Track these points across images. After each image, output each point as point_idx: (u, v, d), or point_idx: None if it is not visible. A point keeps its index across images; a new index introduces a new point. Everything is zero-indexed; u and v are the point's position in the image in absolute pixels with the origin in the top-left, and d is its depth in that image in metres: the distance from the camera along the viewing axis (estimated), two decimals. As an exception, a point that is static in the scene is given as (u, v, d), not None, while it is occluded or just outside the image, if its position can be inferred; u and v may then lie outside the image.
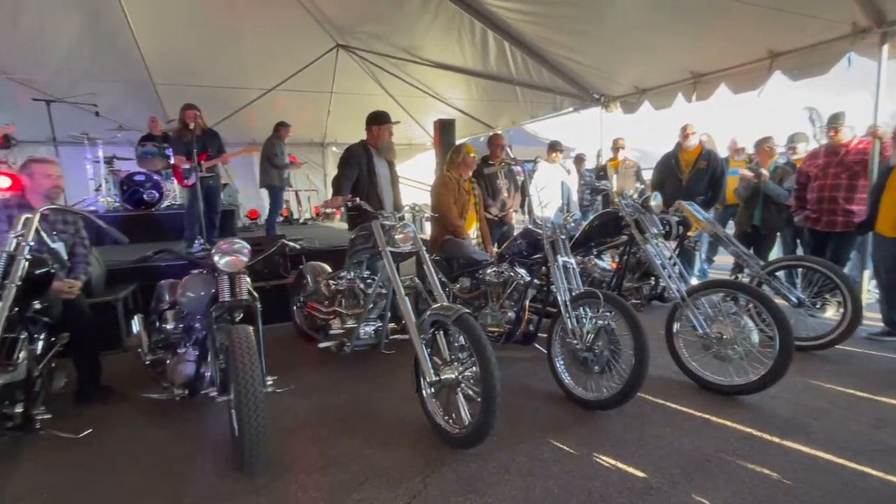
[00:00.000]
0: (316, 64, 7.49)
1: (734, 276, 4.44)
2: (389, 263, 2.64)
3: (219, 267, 2.29)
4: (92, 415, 2.63)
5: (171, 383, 2.53)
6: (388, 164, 3.91)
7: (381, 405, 2.73)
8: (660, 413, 2.54)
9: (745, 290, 2.74)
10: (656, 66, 5.16)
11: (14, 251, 1.96)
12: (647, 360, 2.36)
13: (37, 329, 2.43)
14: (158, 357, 2.72)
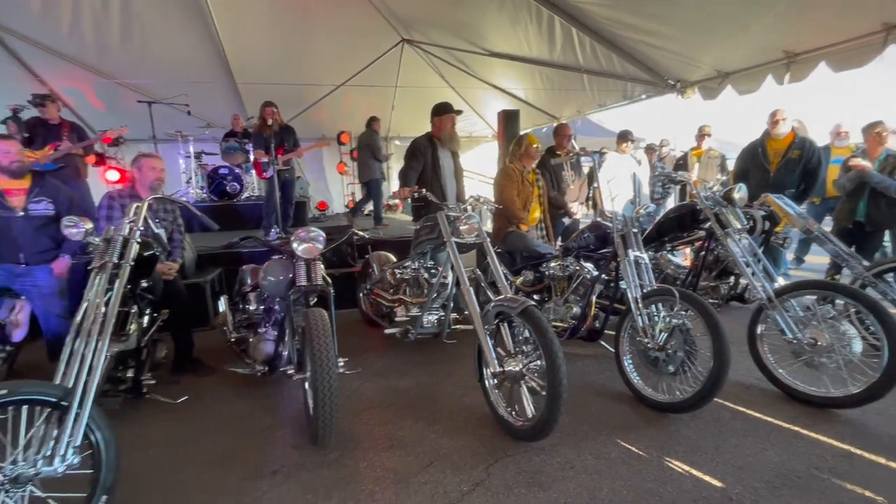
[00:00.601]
0: (382, 59, 7.70)
1: (830, 277, 4.00)
2: (454, 254, 2.67)
3: (297, 253, 2.44)
4: (187, 384, 2.93)
5: (253, 360, 2.75)
6: (452, 155, 3.95)
7: (444, 392, 2.78)
8: (740, 421, 2.37)
9: (847, 292, 2.46)
10: (743, 47, 4.71)
11: (128, 235, 2.22)
12: (727, 362, 2.20)
13: (143, 305, 2.74)
14: (242, 335, 2.96)
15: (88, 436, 1.68)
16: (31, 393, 1.60)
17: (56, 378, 1.74)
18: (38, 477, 1.55)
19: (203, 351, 3.30)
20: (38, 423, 1.62)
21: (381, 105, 9.36)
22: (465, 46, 6.79)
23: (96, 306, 1.98)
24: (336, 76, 7.91)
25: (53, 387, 1.67)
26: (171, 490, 1.95)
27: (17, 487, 1.52)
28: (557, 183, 4.35)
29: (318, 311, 2.24)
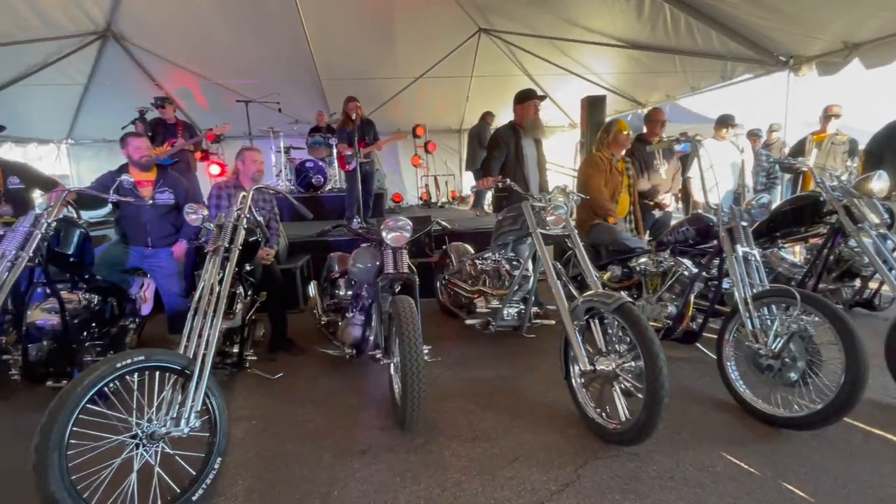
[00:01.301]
0: (458, 50, 7.69)
1: None
2: (540, 245, 2.58)
3: (386, 241, 2.50)
4: (282, 361, 3.15)
5: (341, 342, 2.89)
6: (536, 143, 3.84)
7: (526, 386, 2.72)
8: (876, 445, 2.05)
9: None
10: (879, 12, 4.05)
11: (237, 222, 2.41)
12: (863, 378, 1.91)
13: (246, 287, 2.98)
14: (331, 319, 3.12)
15: (206, 402, 1.85)
16: (162, 360, 1.79)
17: (180, 349, 1.93)
18: (167, 436, 1.73)
19: (294, 331, 3.52)
20: (167, 388, 1.82)
21: (456, 97, 9.38)
22: (546, 33, 6.55)
23: (211, 286, 2.18)
24: (413, 70, 8.05)
25: (179, 356, 1.85)
26: (273, 460, 2.10)
27: (152, 443, 1.71)
28: (648, 172, 4.05)
29: (405, 299, 2.28)
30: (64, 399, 1.52)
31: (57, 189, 2.90)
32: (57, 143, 9.22)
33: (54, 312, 2.57)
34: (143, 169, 3.16)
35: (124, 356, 1.69)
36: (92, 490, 1.59)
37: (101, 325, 2.94)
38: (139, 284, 3.33)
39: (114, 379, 1.65)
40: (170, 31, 6.71)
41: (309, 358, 3.22)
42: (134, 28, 6.71)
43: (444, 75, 8.19)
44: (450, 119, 10.33)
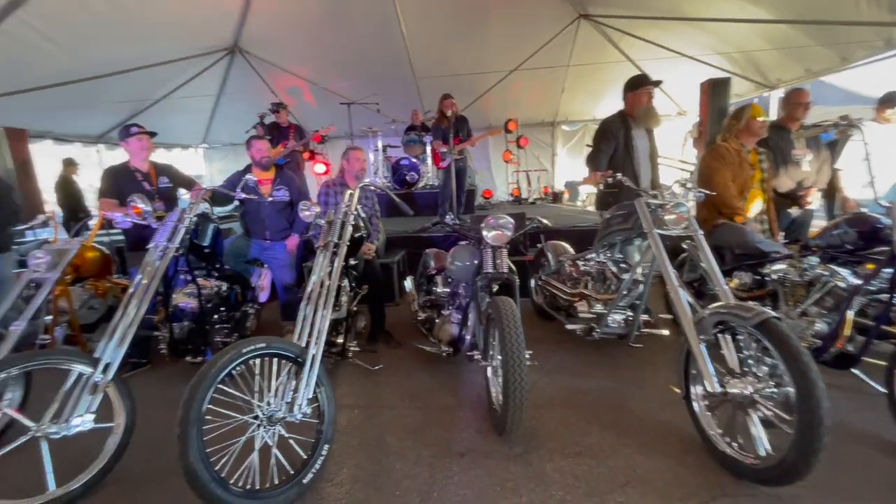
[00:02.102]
0: (555, 40, 7.36)
1: None
2: (658, 247, 2.32)
3: (485, 240, 2.44)
4: (381, 353, 3.26)
5: (438, 340, 2.89)
6: (647, 134, 3.49)
7: (635, 402, 2.48)
8: None
9: None
10: None
11: (345, 219, 2.52)
12: None
13: (350, 280, 3.12)
14: (428, 315, 3.14)
15: (316, 391, 1.95)
16: (279, 348, 1.91)
17: (294, 337, 2.05)
18: (283, 420, 1.84)
19: (391, 324, 3.63)
20: (283, 374, 1.94)
21: (550, 89, 9.02)
22: (657, 12, 5.97)
23: (321, 279, 2.29)
24: (506, 63, 7.88)
25: (294, 345, 1.97)
26: (374, 450, 2.15)
27: (271, 425, 1.84)
28: (788, 166, 3.48)
29: (506, 301, 2.19)
30: (201, 377, 1.69)
31: (196, 188, 3.29)
32: (195, 147, 10.66)
33: (193, 297, 2.91)
34: (263, 168, 3.45)
35: (248, 342, 1.83)
36: (221, 465, 1.74)
37: (228, 309, 3.29)
38: (258, 274, 3.66)
39: (241, 362, 1.79)
40: (284, 41, 7.32)
41: (406, 351, 3.29)
42: (255, 41, 7.44)
43: (539, 66, 7.91)
44: (543, 112, 9.98)
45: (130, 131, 3.25)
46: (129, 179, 3.17)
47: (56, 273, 2.67)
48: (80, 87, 6.09)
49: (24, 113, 6.17)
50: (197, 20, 6.31)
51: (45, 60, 5.48)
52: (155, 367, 3.23)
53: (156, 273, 2.34)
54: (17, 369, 1.84)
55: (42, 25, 4.93)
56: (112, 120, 7.81)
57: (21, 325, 2.38)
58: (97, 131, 8.11)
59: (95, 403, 1.90)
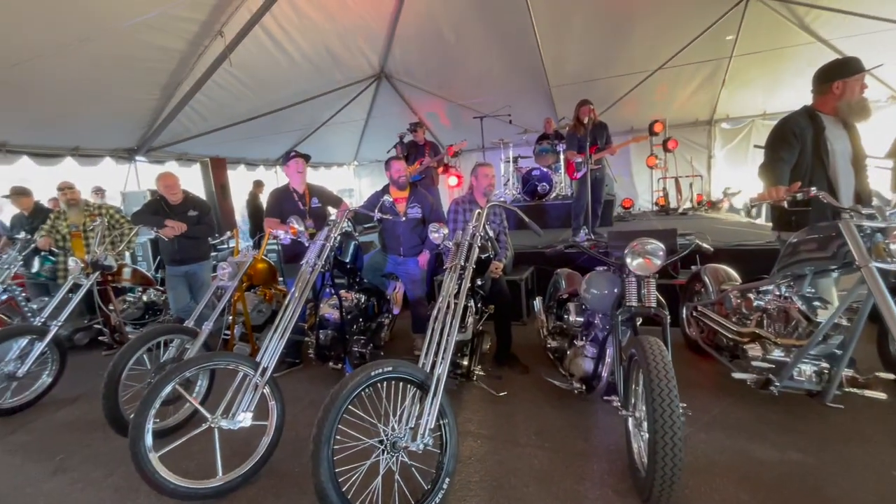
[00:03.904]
0: (714, 28, 6.39)
1: None
2: (877, 285, 1.74)
3: (629, 268, 2.13)
4: (506, 379, 3.12)
5: (568, 373, 2.64)
6: (851, 135, 2.68)
7: (835, 487, 1.88)
8: None
9: None
10: None
11: (471, 240, 2.46)
12: None
13: (477, 300, 3.05)
14: (558, 344, 2.90)
15: (439, 420, 1.90)
16: (405, 373, 1.91)
17: (421, 360, 2.04)
18: (406, 448, 1.83)
19: (517, 346, 3.46)
20: (408, 399, 1.94)
21: (708, 83, 7.88)
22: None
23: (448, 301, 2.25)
24: (651, 62, 7.12)
25: (419, 370, 1.95)
26: (497, 491, 2.02)
27: (395, 452, 1.84)
28: None
29: (655, 342, 1.86)
30: (333, 398, 1.76)
31: (342, 207, 3.60)
32: (347, 165, 12.01)
33: (336, 308, 3.17)
34: (400, 188, 3.63)
35: (376, 366, 1.87)
36: (348, 486, 1.79)
37: (365, 319, 3.52)
38: (392, 287, 3.85)
39: (368, 385, 1.83)
40: (423, 64, 7.78)
41: (532, 379, 3.09)
42: (398, 66, 8.06)
43: (690, 61, 6.96)
44: (697, 110, 8.76)
45: (290, 156, 3.72)
46: (288, 200, 3.62)
47: (236, 281, 3.16)
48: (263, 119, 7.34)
49: (224, 145, 7.66)
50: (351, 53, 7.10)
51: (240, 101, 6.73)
52: (306, 367, 3.61)
53: (306, 286, 2.58)
54: (197, 368, 2.17)
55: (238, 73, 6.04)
56: (287, 144, 9.25)
57: (210, 326, 2.85)
58: (275, 155, 9.68)
59: (255, 402, 2.15)
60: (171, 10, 4.52)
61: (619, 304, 2.21)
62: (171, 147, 7.08)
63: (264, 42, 5.84)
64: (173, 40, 5.06)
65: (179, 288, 4.00)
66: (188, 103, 6.07)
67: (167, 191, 3.90)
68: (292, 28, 5.90)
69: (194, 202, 4.06)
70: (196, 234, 3.96)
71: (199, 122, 6.74)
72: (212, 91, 6.09)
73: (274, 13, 5.48)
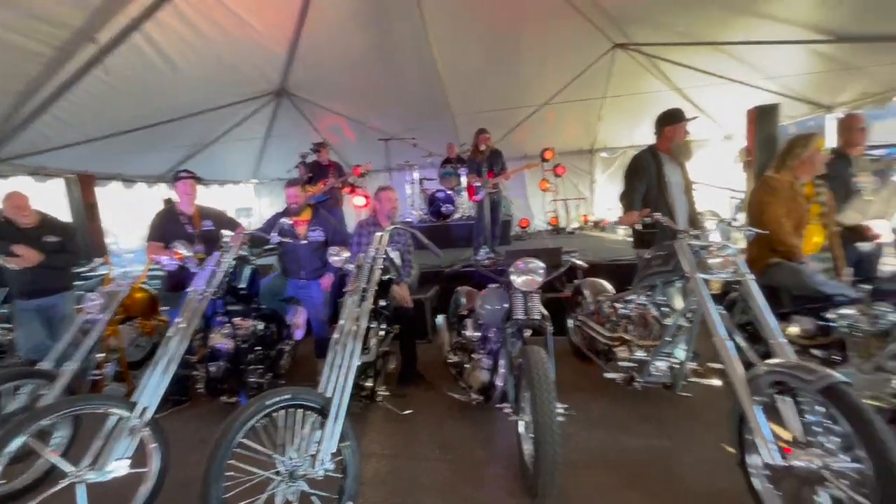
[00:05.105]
0: (590, 71, 7.32)
1: None
2: (703, 293, 2.15)
3: (514, 285, 2.36)
4: (411, 397, 3.19)
5: (468, 385, 2.79)
6: (681, 169, 3.32)
7: (683, 464, 2.26)
8: None
9: None
10: None
11: (373, 263, 2.53)
12: None
13: (380, 321, 3.10)
14: (458, 359, 3.05)
15: (340, 445, 1.90)
16: (304, 399, 1.90)
17: (321, 385, 2.03)
18: (305, 476, 1.81)
19: (423, 363, 3.56)
20: (306, 426, 1.91)
21: (587, 118, 8.93)
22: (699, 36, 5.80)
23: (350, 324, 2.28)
24: (540, 96, 7.91)
25: (319, 396, 1.95)
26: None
27: (293, 481, 1.80)
28: (848, 194, 3.19)
29: (537, 351, 2.09)
30: (224, 431, 1.69)
31: (238, 230, 3.44)
32: (245, 183, 11.30)
33: (229, 337, 2.99)
34: (294, 214, 3.57)
35: (273, 394, 1.83)
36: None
37: (264, 347, 3.35)
38: (293, 312, 3.74)
39: (263, 416, 1.78)
40: (326, 82, 7.71)
41: (436, 396, 3.20)
42: (300, 84, 7.89)
43: (573, 98, 7.87)
44: (580, 140, 9.86)
45: (178, 176, 3.47)
46: (173, 222, 3.36)
47: (108, 314, 2.84)
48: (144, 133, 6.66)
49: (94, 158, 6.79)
50: (247, 67, 6.78)
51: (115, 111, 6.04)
52: (193, 405, 3.32)
53: (193, 315, 2.42)
54: (56, 416, 1.92)
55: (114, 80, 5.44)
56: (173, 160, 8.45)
57: (72, 366, 2.52)
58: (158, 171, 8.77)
59: (132, 448, 1.95)
60: (37, 12, 3.98)
61: (508, 318, 2.43)
62: (24, 159, 6.09)
63: (145, 50, 5.35)
64: (37, 44, 4.44)
65: (32, 324, 3.41)
66: (48, 109, 5.29)
67: (16, 212, 3.33)
68: (178, 38, 5.50)
69: (53, 226, 3.50)
70: (56, 263, 3.42)
71: (64, 132, 5.90)
72: (81, 99, 5.40)
73: (158, 20, 5.09)
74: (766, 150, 4.54)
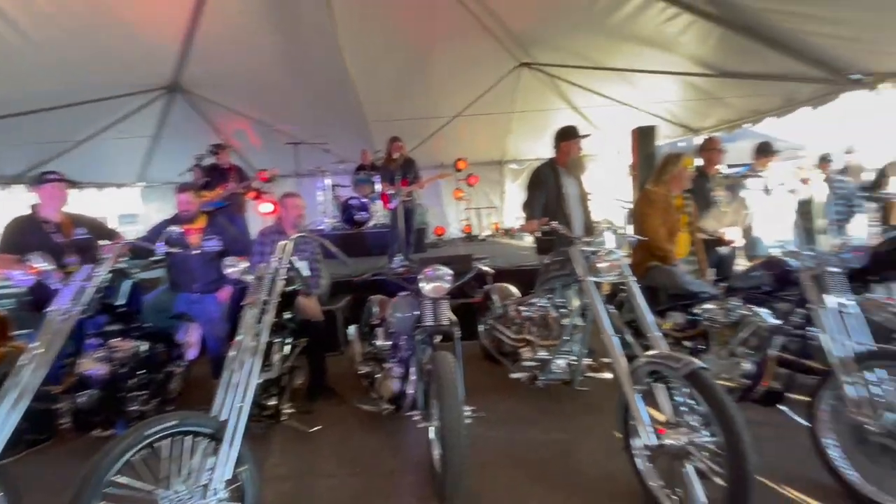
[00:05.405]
0: (498, 86, 7.70)
1: None
2: (594, 295, 2.36)
3: (423, 292, 2.38)
4: (320, 412, 3.05)
5: (379, 395, 2.75)
6: (577, 181, 3.65)
7: (583, 453, 2.44)
8: None
9: None
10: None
11: (275, 274, 2.39)
12: None
13: (285, 334, 2.93)
14: (369, 369, 3.00)
15: (236, 470, 1.76)
16: (193, 425, 1.72)
17: (214, 408, 1.86)
18: (195, 509, 1.64)
19: (334, 377, 3.43)
20: (196, 455, 1.74)
21: (497, 131, 9.38)
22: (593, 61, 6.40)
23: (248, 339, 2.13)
24: (452, 108, 8.14)
25: (211, 420, 1.79)
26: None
27: (180, 516, 1.62)
28: (708, 206, 3.73)
29: (444, 356, 2.12)
30: (93, 470, 1.47)
31: (112, 242, 3.04)
32: (131, 186, 10.05)
33: (104, 362, 2.62)
34: (186, 221, 3.26)
35: (154, 422, 1.64)
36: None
37: (149, 370, 2.99)
38: (185, 330, 3.38)
39: (143, 447, 1.59)
40: (229, 80, 7.18)
41: (347, 409, 3.10)
42: (197, 81, 7.26)
43: (483, 112, 8.22)
44: (491, 151, 10.32)
45: (44, 178, 2.99)
46: (34, 231, 2.88)
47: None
48: (-6, 126, 5.61)
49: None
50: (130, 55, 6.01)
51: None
52: (58, 443, 2.84)
53: (54, 339, 2.09)
54: None
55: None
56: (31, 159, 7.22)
57: None
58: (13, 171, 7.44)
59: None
60: None
61: (418, 325, 2.44)
62: None
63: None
64: None
65: None
66: None
67: None
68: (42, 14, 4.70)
69: None
70: None
71: None
72: None
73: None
74: (647, 166, 5.15)
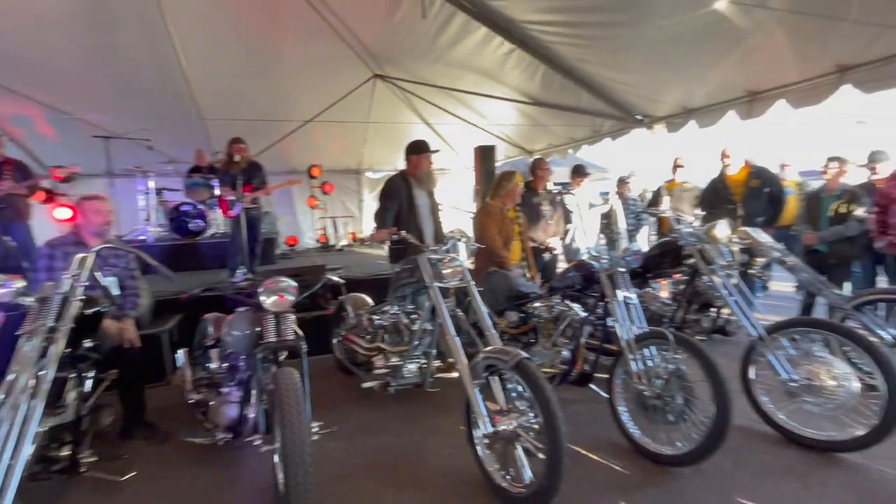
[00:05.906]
0: (353, 94, 7.66)
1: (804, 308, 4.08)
2: (438, 300, 2.50)
3: (264, 306, 2.22)
4: (136, 455, 2.58)
5: (214, 425, 2.45)
6: (428, 193, 3.84)
7: (430, 452, 2.55)
8: (745, 473, 2.25)
9: (842, 332, 2.42)
10: (705, 86, 4.93)
11: (68, 293, 1.95)
12: (729, 412, 2.10)
13: (85, 367, 2.41)
14: (202, 396, 2.65)
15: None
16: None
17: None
18: None
19: (158, 411, 2.96)
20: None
21: (354, 139, 9.29)
22: (438, 82, 6.83)
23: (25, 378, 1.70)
24: (305, 111, 7.80)
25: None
26: None
27: None
28: (536, 218, 4.30)
29: (288, 372, 2.01)
30: None
31: None
32: None
33: None
34: None
35: None
36: None
37: None
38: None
39: None
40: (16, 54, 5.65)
41: (173, 446, 2.69)
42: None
43: (340, 118, 8.07)
44: (348, 159, 10.16)
45: None
46: None
47: None
48: None
49: None
50: None
51: None
52: None
53: None
54: None
55: None
56: None
57: None
58: None
59: None
60: None
61: (259, 342, 2.26)
62: None
63: None
64: None
65: None
66: None
67: None
68: None
69: None
70: None
71: None
72: None
73: None
74: (487, 181, 5.70)
